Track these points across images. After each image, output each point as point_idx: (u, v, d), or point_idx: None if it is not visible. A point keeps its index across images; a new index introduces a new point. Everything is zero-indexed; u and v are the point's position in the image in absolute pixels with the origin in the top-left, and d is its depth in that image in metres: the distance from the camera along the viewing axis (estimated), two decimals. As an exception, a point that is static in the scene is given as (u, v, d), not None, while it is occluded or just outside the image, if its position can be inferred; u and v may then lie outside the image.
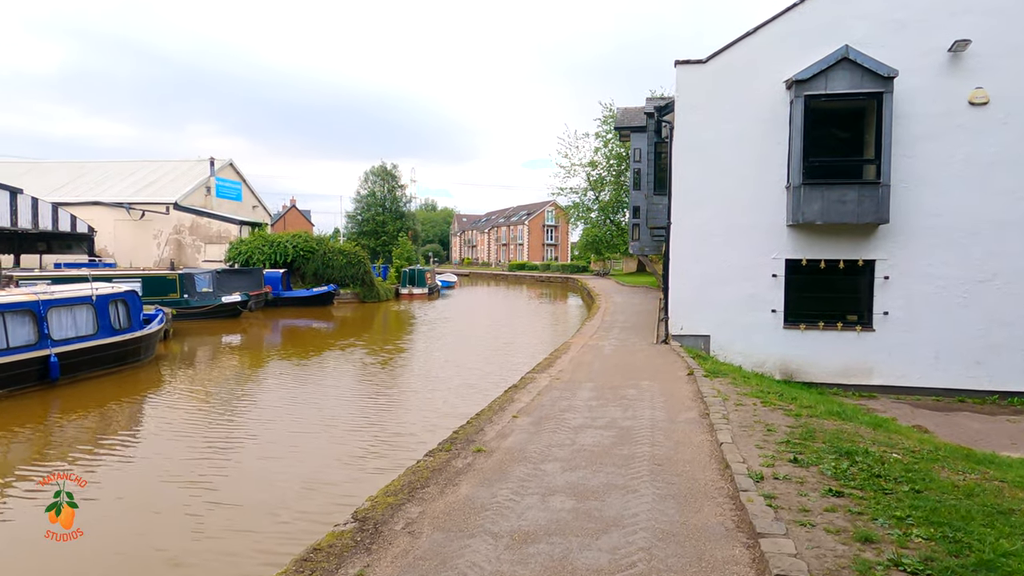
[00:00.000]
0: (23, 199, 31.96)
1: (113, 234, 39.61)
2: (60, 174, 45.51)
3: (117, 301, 14.24)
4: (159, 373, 14.92)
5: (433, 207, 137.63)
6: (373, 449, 8.69)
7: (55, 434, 10.12)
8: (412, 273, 42.16)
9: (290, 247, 34.77)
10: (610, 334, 16.54)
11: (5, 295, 12.09)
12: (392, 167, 68.16)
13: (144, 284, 24.37)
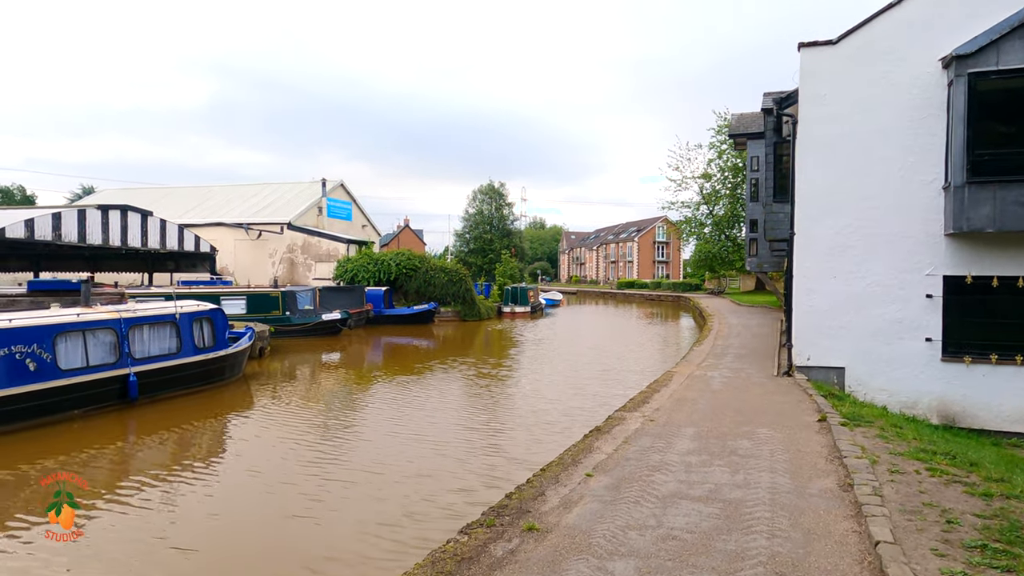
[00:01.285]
0: (153, 221, 34.08)
1: (233, 253, 41.65)
2: (190, 198, 48.74)
3: (202, 319, 14.03)
4: (246, 392, 14.57)
5: (542, 225, 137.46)
6: (411, 509, 7.11)
7: (127, 454, 9.78)
8: (515, 291, 41.21)
9: (393, 265, 34.85)
10: (721, 362, 14.46)
11: (88, 312, 12.04)
12: (500, 185, 68.13)
13: (248, 301, 24.89)
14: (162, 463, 9.12)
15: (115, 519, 6.98)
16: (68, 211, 30.08)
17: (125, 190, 54.23)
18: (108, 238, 31.28)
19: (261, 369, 17.69)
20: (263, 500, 7.63)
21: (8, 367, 10.14)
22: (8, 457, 9.06)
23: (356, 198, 50.14)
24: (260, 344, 19.26)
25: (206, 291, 25.15)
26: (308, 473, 8.42)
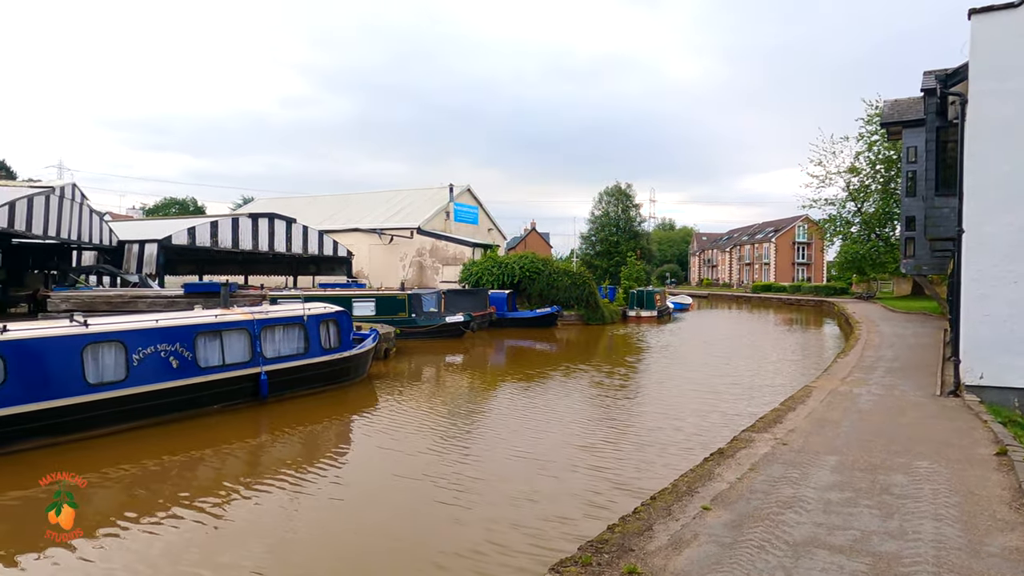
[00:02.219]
0: (296, 228, 36.51)
1: (368, 257, 43.74)
2: (330, 206, 51.85)
3: (328, 321, 14.55)
4: (369, 392, 14.95)
5: (671, 226, 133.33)
6: (497, 537, 6.41)
7: (259, 449, 10.28)
8: (640, 295, 39.95)
9: (517, 268, 34.93)
10: (871, 377, 12.85)
11: (226, 314, 12.82)
12: (627, 187, 66.76)
13: (377, 304, 25.84)
14: (289, 459, 9.43)
15: (251, 510, 7.24)
16: (224, 219, 32.92)
17: (276, 199, 58.89)
18: (257, 244, 33.88)
19: (386, 370, 18.15)
20: (345, 511, 7.58)
21: (154, 364, 10.94)
22: (159, 447, 9.72)
23: (482, 202, 51.02)
24: (385, 345, 19.81)
25: (340, 293, 26.42)
26: (399, 487, 8.24)
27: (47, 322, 11.49)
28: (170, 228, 30.88)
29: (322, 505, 7.41)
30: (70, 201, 25.43)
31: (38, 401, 9.35)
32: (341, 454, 9.96)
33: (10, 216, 20.72)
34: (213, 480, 8.56)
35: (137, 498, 7.99)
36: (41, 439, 9.36)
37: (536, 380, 16.86)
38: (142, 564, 5.86)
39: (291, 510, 7.27)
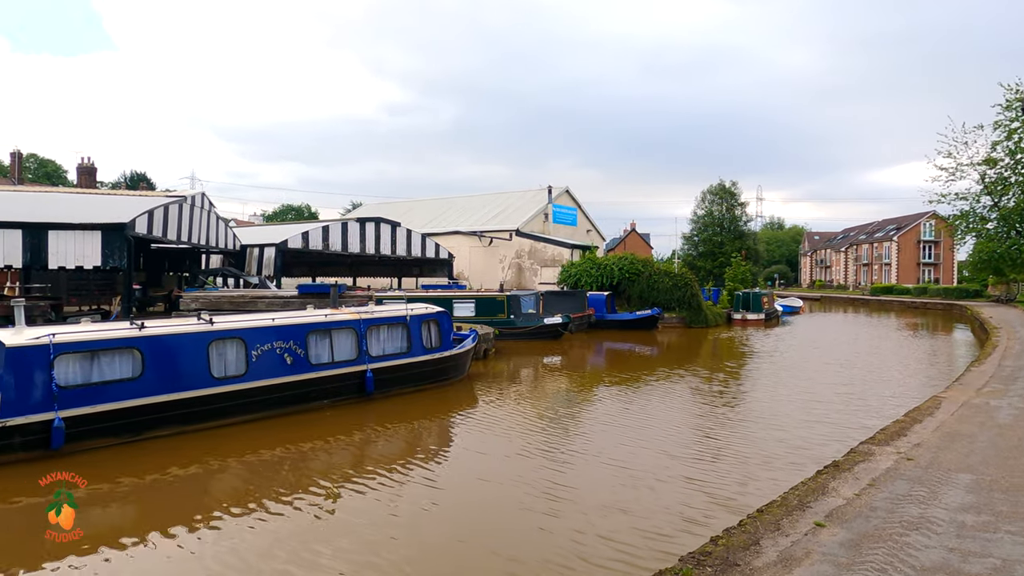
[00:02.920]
0: (400, 231, 37.84)
1: (468, 259, 44.63)
2: (433, 209, 53.34)
3: (429, 321, 14.95)
4: (469, 392, 15.23)
5: (780, 225, 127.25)
6: (585, 554, 6.08)
7: (366, 444, 10.71)
8: (746, 297, 38.33)
9: (616, 270, 34.49)
10: (1011, 388, 11.64)
11: (334, 314, 13.45)
12: (731, 185, 64.38)
13: (477, 305, 26.28)
14: (390, 455, 9.76)
15: (346, 506, 7.53)
16: (334, 224, 34.64)
17: (382, 204, 61.33)
18: (364, 247, 35.40)
19: (485, 370, 18.41)
20: (425, 513, 7.67)
21: (271, 360, 11.64)
22: (275, 438, 10.34)
23: (581, 203, 50.80)
24: (484, 346, 20.11)
25: (441, 294, 27.11)
26: (489, 489, 8.23)
27: (178, 320, 12.50)
28: (286, 233, 32.87)
29: (414, 504, 7.52)
30: (200, 209, 27.61)
31: (170, 392, 10.19)
32: (438, 452, 10.16)
33: (149, 223, 22.76)
34: (319, 472, 8.95)
35: (252, 486, 8.50)
36: (172, 427, 10.19)
37: (633, 384, 16.53)
38: (232, 556, 6.16)
39: (383, 508, 7.43)
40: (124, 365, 9.84)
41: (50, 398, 8.91)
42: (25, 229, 20.96)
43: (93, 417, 9.30)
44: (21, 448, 8.69)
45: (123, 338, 9.93)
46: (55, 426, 8.80)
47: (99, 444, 9.35)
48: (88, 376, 9.44)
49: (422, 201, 57.78)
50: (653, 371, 18.72)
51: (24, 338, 9.03)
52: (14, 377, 8.74)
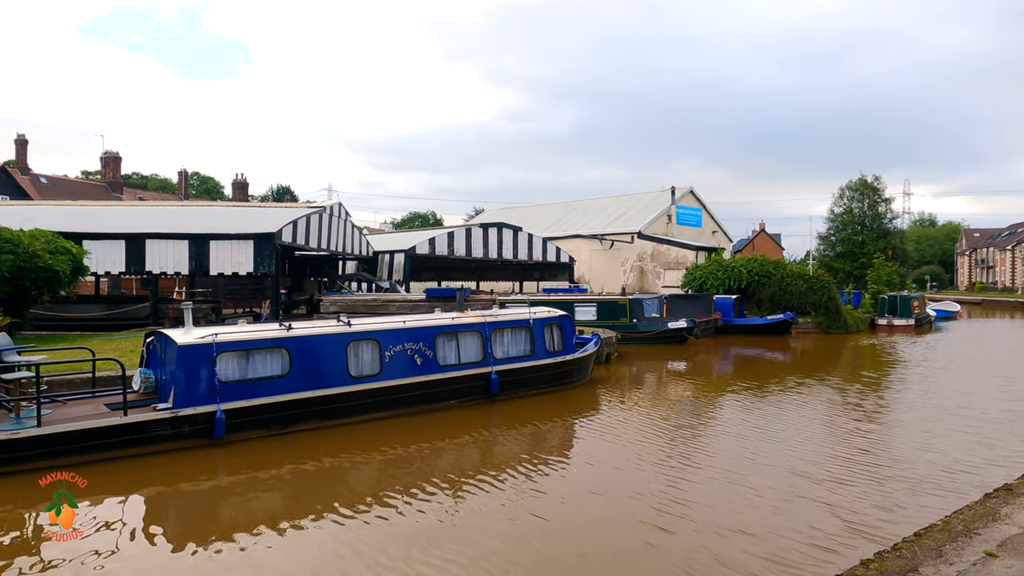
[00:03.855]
0: (522, 236, 38.40)
1: (589, 263, 44.46)
2: (553, 213, 53.65)
3: (552, 325, 15.04)
4: (592, 395, 15.18)
5: (932, 222, 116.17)
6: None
7: (490, 442, 10.96)
8: (892, 300, 35.32)
9: (744, 272, 33.01)
10: None
11: (461, 317, 13.87)
12: (874, 179, 59.71)
13: (598, 308, 26.10)
14: (513, 456, 9.88)
15: (479, 501, 7.74)
16: (458, 230, 35.77)
17: (504, 209, 62.56)
18: (487, 252, 36.26)
19: (608, 374, 18.25)
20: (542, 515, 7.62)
21: (402, 361, 12.21)
22: (406, 435, 10.84)
23: (706, 204, 49.12)
24: (607, 350, 19.93)
25: (562, 298, 27.19)
26: (605, 496, 8.05)
27: (319, 322, 13.42)
28: (414, 239, 34.38)
29: (530, 511, 7.47)
30: (337, 218, 29.53)
31: (314, 389, 10.96)
32: (558, 457, 10.08)
33: (294, 232, 24.65)
34: (446, 471, 9.22)
35: (382, 481, 8.96)
36: (315, 421, 10.96)
37: (761, 393, 15.70)
38: (347, 550, 6.40)
39: (502, 513, 7.44)
40: (274, 363, 10.71)
41: (213, 392, 9.87)
42: (191, 240, 23.40)
43: (248, 410, 10.20)
44: (190, 436, 9.70)
45: (273, 338, 10.82)
46: (217, 417, 9.74)
47: (253, 435, 10.24)
48: (244, 373, 10.37)
49: (543, 205, 58.29)
50: (784, 379, 17.68)
51: (192, 337, 10.08)
52: (184, 372, 9.77)
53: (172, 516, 7.82)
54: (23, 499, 7.84)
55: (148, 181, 73.33)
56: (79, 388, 10.88)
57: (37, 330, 19.57)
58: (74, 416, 9.25)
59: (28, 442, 8.49)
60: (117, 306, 26.08)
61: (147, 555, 6.41)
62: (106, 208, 29.85)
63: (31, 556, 6.28)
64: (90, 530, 6.91)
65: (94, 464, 8.79)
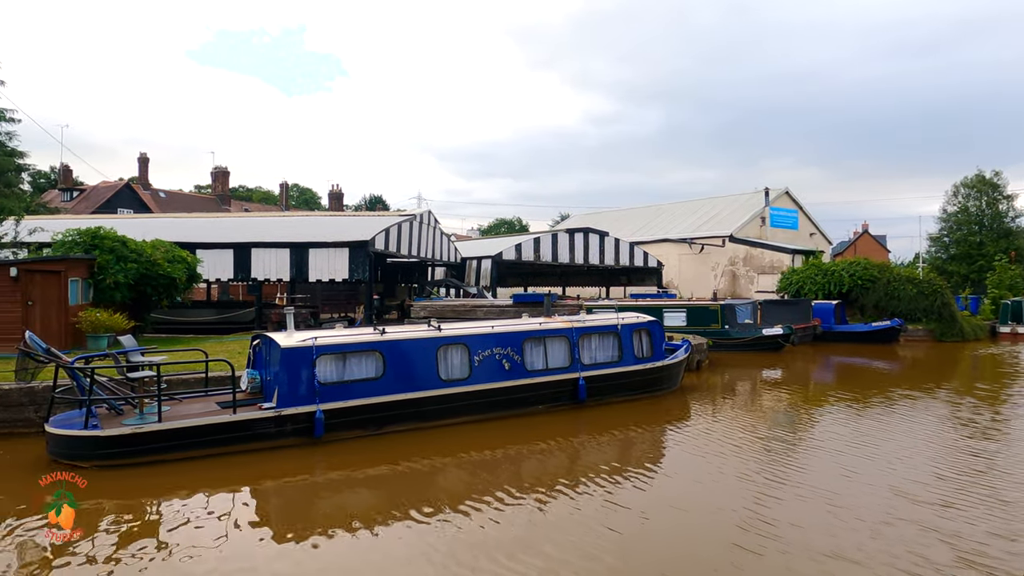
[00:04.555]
0: (608, 240, 38.07)
1: (677, 267, 43.47)
2: (640, 217, 52.84)
3: (641, 331, 14.80)
4: (683, 403, 14.84)
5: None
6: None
7: (577, 451, 10.86)
8: (1017, 306, 32.47)
9: (846, 276, 31.33)
10: None
11: (548, 322, 13.89)
12: (993, 175, 55.17)
13: (688, 314, 25.47)
14: (600, 463, 9.75)
15: (557, 511, 7.68)
16: (544, 235, 35.89)
17: (589, 214, 62.23)
18: (574, 257, 36.17)
19: (699, 382, 17.75)
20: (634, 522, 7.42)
21: (490, 365, 12.36)
22: (495, 439, 10.99)
23: (803, 205, 47.00)
24: (697, 357, 19.41)
25: (650, 303, 26.73)
26: (690, 511, 7.75)
27: (411, 326, 13.80)
28: (501, 246, 34.78)
29: (614, 521, 7.31)
30: (427, 226, 30.33)
31: (406, 391, 11.28)
32: (645, 467, 9.81)
33: (386, 240, 25.53)
34: (533, 476, 9.27)
35: (471, 482, 9.08)
36: (407, 423, 11.27)
37: (864, 405, 14.76)
38: (436, 552, 6.46)
39: (587, 521, 7.31)
40: (369, 366, 11.11)
41: (313, 393, 10.35)
42: (292, 248, 24.71)
43: (345, 411, 10.62)
44: (292, 435, 10.20)
45: (369, 342, 11.23)
46: (317, 417, 10.21)
47: (349, 435, 10.65)
48: (341, 375, 10.82)
49: (629, 210, 57.54)
50: (888, 391, 16.56)
51: (294, 340, 10.62)
52: (287, 374, 10.31)
53: (275, 509, 8.26)
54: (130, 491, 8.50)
55: (253, 193, 78.01)
56: (193, 387, 11.68)
57: (156, 332, 21.21)
58: (190, 413, 9.94)
59: (151, 436, 9.21)
60: (226, 310, 27.87)
61: (251, 544, 6.82)
62: (216, 219, 32.04)
63: (149, 538, 6.80)
64: (204, 520, 7.42)
65: (206, 459, 9.42)
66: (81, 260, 16.83)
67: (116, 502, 8.00)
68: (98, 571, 6.12)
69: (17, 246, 20.42)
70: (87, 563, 6.27)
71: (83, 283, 16.76)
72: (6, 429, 10.67)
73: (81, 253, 17.11)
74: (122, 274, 17.20)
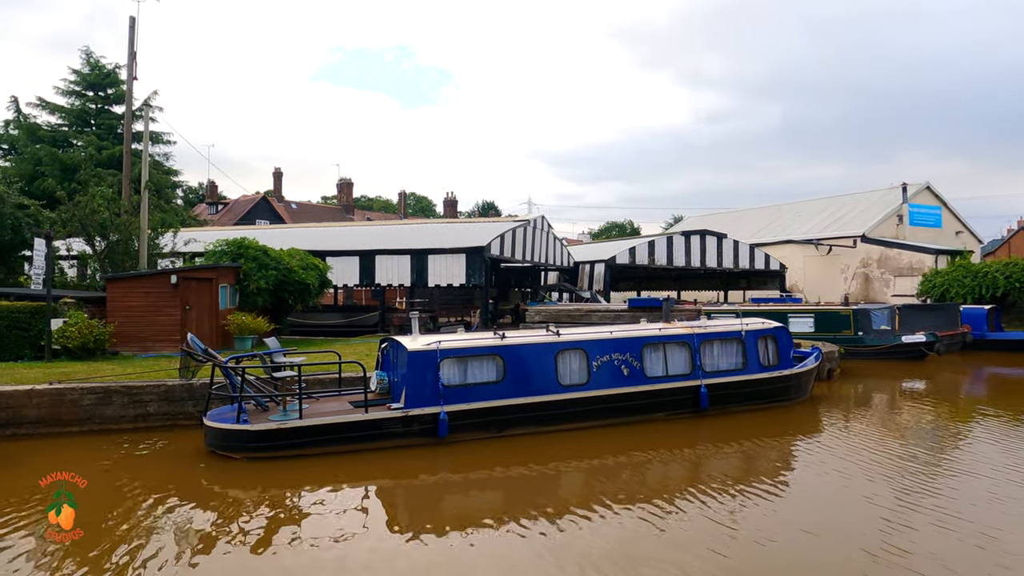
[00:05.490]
0: (726, 243, 36.71)
1: (802, 270, 41.15)
2: (759, 218, 50.52)
3: (767, 337, 14.13)
4: (813, 415, 14.03)
5: None
6: None
7: (698, 461, 10.61)
8: None
9: (1000, 278, 28.36)
10: None
11: (667, 328, 13.57)
12: None
13: (817, 320, 23.99)
14: (725, 476, 9.40)
15: (668, 527, 7.45)
16: (659, 239, 35.17)
17: (704, 216, 60.27)
18: (689, 260, 35.18)
19: (830, 392, 16.70)
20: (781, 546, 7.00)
21: (609, 371, 12.27)
22: (613, 445, 10.90)
23: (947, 201, 43.02)
24: (828, 366, 18.26)
25: (774, 308, 25.43)
26: (811, 542, 7.14)
27: (529, 331, 13.97)
28: (614, 249, 34.44)
29: (719, 544, 6.87)
30: (540, 231, 30.60)
31: (525, 396, 11.43)
32: (765, 482, 9.18)
33: (501, 245, 26.01)
34: (653, 485, 9.12)
35: (587, 489, 9.05)
36: (526, 427, 11.41)
37: (1021, 423, 13.26)
38: (542, 560, 6.45)
39: (681, 542, 6.98)
40: (489, 370, 11.36)
41: (437, 395, 10.73)
42: (412, 254, 25.77)
43: (467, 413, 10.92)
44: (418, 435, 10.63)
45: (489, 346, 11.49)
46: (441, 418, 10.57)
47: (471, 437, 10.94)
48: (464, 378, 11.14)
49: (748, 211, 55.13)
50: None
51: (420, 344, 11.06)
52: (414, 376, 10.75)
53: (400, 505, 8.68)
54: (289, 480, 9.15)
55: (374, 203, 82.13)
56: (328, 387, 12.46)
57: (290, 335, 22.80)
58: (326, 411, 10.61)
59: (293, 431, 9.93)
60: (351, 314, 29.50)
61: (375, 537, 7.19)
62: (343, 228, 34.02)
63: (288, 525, 7.33)
64: (335, 511, 7.91)
65: (340, 455, 10.02)
66: (229, 268, 18.42)
67: (260, 492, 8.70)
68: (241, 551, 6.75)
69: (175, 255, 22.69)
70: (238, 544, 6.87)
71: (231, 289, 18.34)
72: (170, 421, 11.87)
73: (228, 262, 18.73)
74: (263, 280, 18.66)
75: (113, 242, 20.19)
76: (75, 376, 12.29)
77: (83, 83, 37.99)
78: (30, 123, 37.19)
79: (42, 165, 33.64)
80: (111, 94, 38.37)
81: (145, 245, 20.03)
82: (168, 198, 23.60)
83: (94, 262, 20.90)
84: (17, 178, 31.24)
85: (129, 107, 23.33)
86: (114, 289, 16.83)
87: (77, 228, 20.11)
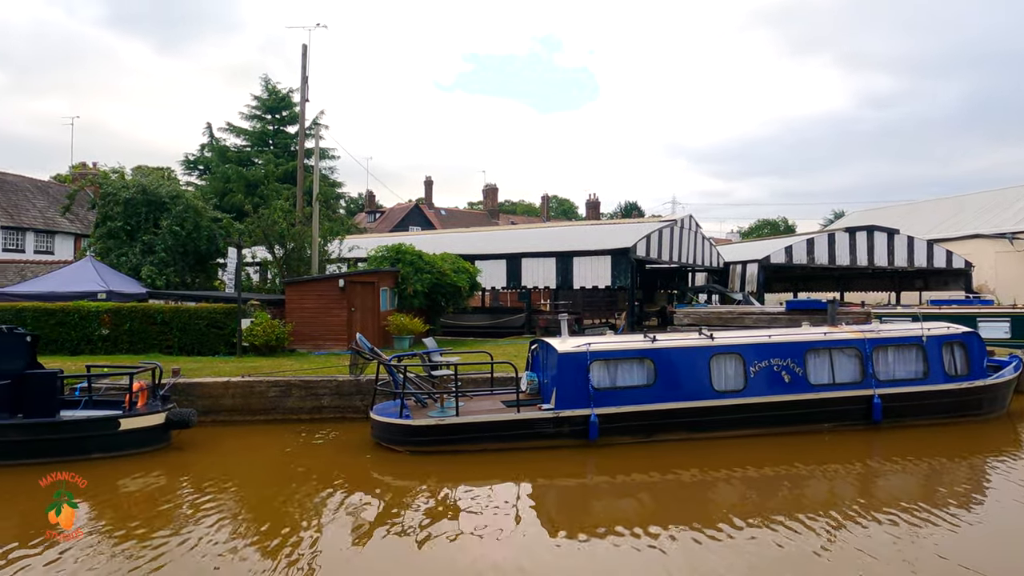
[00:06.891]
0: (899, 239, 33.40)
1: (993, 268, 36.47)
2: (938, 211, 45.46)
3: (952, 344, 12.68)
4: (1010, 431, 12.44)
5: None
6: None
7: (875, 479, 9.78)
8: None
9: None
10: None
11: (834, 332, 12.59)
12: None
13: (1013, 324, 21.12)
14: (895, 499, 8.44)
15: (838, 548, 6.88)
16: (819, 236, 32.71)
17: (870, 211, 55.20)
18: (855, 259, 32.37)
19: (1031, 407, 14.64)
20: None
21: (768, 377, 11.61)
22: (773, 456, 10.35)
23: None
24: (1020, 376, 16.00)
25: (957, 311, 22.71)
26: None
27: (680, 334, 13.59)
28: (768, 248, 32.52)
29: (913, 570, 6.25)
30: (687, 231, 29.65)
31: (677, 400, 11.12)
32: (952, 508, 8.08)
33: (647, 246, 25.53)
34: (817, 502, 8.51)
35: (749, 500, 8.62)
36: (678, 433, 11.10)
37: None
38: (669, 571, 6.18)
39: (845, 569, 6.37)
40: (640, 373, 11.19)
41: (587, 397, 10.74)
42: (557, 257, 26.00)
43: (617, 416, 10.83)
44: (568, 436, 10.71)
45: (639, 349, 11.32)
46: (591, 420, 10.57)
47: (620, 440, 10.83)
48: (613, 381, 11.06)
49: (923, 203, 49.70)
50: None
51: (569, 346, 11.14)
52: (564, 377, 10.85)
53: (550, 505, 8.80)
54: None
55: (517, 207, 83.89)
56: (480, 386, 12.91)
57: (442, 335, 23.89)
58: (480, 409, 11.01)
59: (451, 428, 10.41)
60: (498, 316, 30.32)
61: (524, 534, 7.34)
62: (490, 233, 35.10)
63: (444, 519, 7.66)
64: (488, 507, 8.17)
65: (492, 452, 10.34)
66: (389, 272, 19.68)
67: (419, 483, 9.21)
68: (406, 541, 7.16)
69: (340, 261, 24.62)
70: (401, 534, 7.32)
71: (390, 292, 19.58)
72: (340, 414, 12.90)
73: (388, 267, 20.00)
74: (419, 283, 19.72)
75: (289, 249, 22.30)
76: (261, 370, 13.72)
77: (262, 107, 42.37)
78: (220, 146, 42.09)
79: (230, 182, 37.92)
80: (285, 116, 42.47)
81: (316, 252, 21.90)
82: (333, 208, 25.68)
83: (274, 268, 23.22)
84: (211, 194, 35.47)
85: (302, 127, 25.65)
86: (291, 292, 18.57)
87: (260, 237, 22.46)
